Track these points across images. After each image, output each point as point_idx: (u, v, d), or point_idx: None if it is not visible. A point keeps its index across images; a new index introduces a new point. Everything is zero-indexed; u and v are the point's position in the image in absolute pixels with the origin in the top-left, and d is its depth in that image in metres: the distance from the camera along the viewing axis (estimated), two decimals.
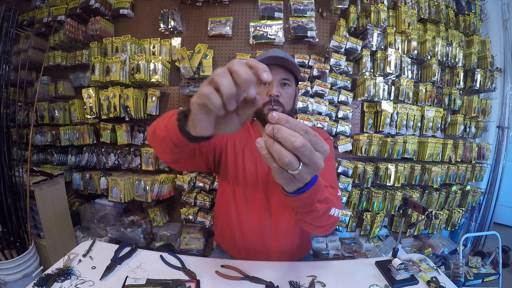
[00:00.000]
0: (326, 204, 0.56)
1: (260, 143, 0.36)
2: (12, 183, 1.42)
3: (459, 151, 1.87)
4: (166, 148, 0.60)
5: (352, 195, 1.76)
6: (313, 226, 0.62)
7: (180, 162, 0.71)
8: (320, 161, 0.36)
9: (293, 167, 0.35)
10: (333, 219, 0.63)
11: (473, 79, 1.87)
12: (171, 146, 0.58)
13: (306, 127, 0.35)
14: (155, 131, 0.62)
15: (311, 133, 0.35)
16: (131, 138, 1.78)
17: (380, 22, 1.71)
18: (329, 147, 0.38)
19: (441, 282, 0.78)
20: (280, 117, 0.35)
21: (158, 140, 0.61)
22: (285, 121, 0.35)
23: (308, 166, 0.36)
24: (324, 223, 0.62)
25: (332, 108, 1.72)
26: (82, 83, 1.89)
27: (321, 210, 0.55)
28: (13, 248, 1.35)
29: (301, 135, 0.34)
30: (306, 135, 0.34)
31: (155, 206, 1.83)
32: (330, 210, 0.60)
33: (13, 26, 1.47)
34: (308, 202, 0.51)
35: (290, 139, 0.33)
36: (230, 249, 0.99)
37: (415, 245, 1.93)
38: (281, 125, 0.34)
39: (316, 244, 1.78)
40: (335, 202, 0.61)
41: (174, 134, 0.54)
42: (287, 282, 0.75)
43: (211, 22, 1.71)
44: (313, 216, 0.56)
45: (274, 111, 0.35)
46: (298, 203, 0.51)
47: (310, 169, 0.36)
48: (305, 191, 0.45)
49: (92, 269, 0.76)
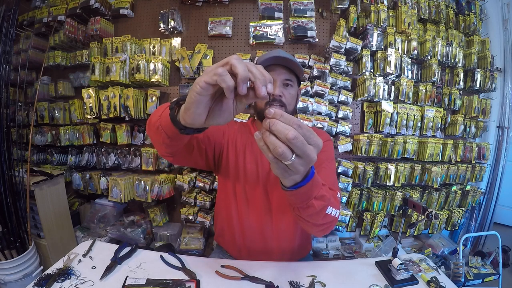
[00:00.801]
0: (322, 201, 0.58)
1: (257, 135, 0.39)
2: (12, 183, 1.42)
3: (459, 151, 1.87)
4: (159, 139, 0.60)
5: (352, 195, 1.76)
6: (310, 223, 0.64)
7: (176, 156, 0.71)
8: (313, 154, 0.39)
9: (286, 157, 0.37)
10: (330, 218, 0.64)
11: (473, 79, 1.87)
12: (163, 137, 0.58)
13: (299, 122, 0.38)
14: (150, 120, 0.63)
15: (304, 127, 0.38)
16: (131, 138, 1.78)
17: (380, 22, 1.70)
18: (321, 141, 0.40)
19: (441, 282, 0.78)
20: (276, 112, 0.38)
21: (152, 129, 0.61)
22: (280, 115, 0.37)
23: (301, 157, 0.38)
24: (320, 221, 0.64)
25: (332, 108, 1.72)
26: (82, 83, 1.89)
27: (318, 207, 0.57)
28: (13, 248, 1.35)
29: (294, 129, 0.36)
30: (299, 129, 0.37)
31: (155, 206, 1.83)
32: (326, 208, 0.61)
33: (13, 26, 1.47)
34: (305, 198, 0.53)
35: (284, 131, 0.36)
36: (231, 248, 0.99)
37: (415, 245, 1.93)
38: (277, 119, 0.37)
39: (316, 244, 1.78)
40: (332, 201, 0.62)
41: (166, 123, 0.54)
42: (287, 282, 0.75)
43: (211, 22, 1.71)
44: (310, 212, 0.58)
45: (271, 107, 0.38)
46: (295, 198, 0.53)
47: (303, 161, 0.39)
48: (302, 186, 0.48)
49: (92, 269, 0.76)
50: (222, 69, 0.38)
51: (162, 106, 0.62)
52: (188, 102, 0.44)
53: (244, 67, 0.38)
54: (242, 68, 0.38)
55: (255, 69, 0.39)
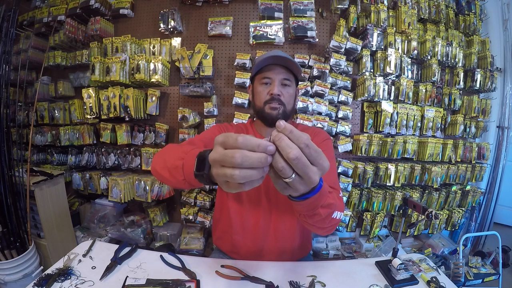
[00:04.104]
0: (329, 209, 0.57)
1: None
2: (12, 183, 1.42)
3: (459, 151, 1.87)
4: (181, 186, 0.62)
5: (352, 195, 1.76)
6: (315, 227, 0.64)
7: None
8: (315, 176, 0.37)
9: (286, 175, 0.36)
10: (335, 221, 0.65)
11: (473, 79, 1.86)
12: (186, 185, 0.60)
13: (309, 141, 0.36)
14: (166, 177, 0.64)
15: (312, 147, 0.36)
16: (131, 138, 1.78)
17: (380, 22, 1.70)
18: (329, 164, 0.39)
19: (441, 282, 0.78)
20: (286, 127, 0.36)
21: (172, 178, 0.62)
22: (289, 131, 0.35)
23: (302, 178, 0.37)
24: (326, 225, 0.64)
25: (332, 108, 1.71)
26: (82, 83, 1.89)
27: (324, 214, 0.56)
28: (13, 248, 1.35)
29: (300, 148, 0.35)
30: (307, 148, 0.35)
31: (155, 206, 1.83)
32: (332, 214, 0.61)
33: (13, 26, 1.47)
34: (311, 208, 0.52)
35: (286, 150, 0.34)
36: (230, 251, 0.99)
37: (415, 245, 1.93)
38: (286, 134, 0.35)
39: (316, 244, 1.78)
40: (338, 205, 0.62)
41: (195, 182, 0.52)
42: (287, 282, 0.75)
43: (211, 22, 1.71)
44: (316, 219, 0.57)
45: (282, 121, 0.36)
46: (301, 207, 0.52)
47: (303, 181, 0.37)
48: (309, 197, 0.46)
49: (92, 269, 0.76)
50: (257, 172, 0.35)
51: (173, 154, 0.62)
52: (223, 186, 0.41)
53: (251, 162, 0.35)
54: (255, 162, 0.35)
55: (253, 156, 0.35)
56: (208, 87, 1.65)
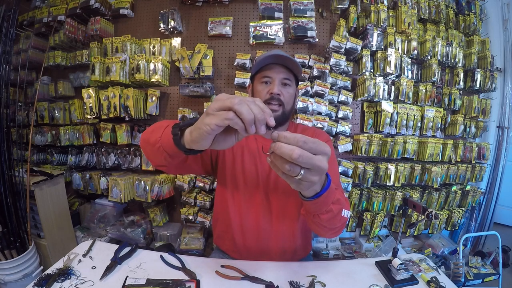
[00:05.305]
0: (339, 204, 0.61)
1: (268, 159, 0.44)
2: (12, 183, 1.42)
3: (459, 151, 1.87)
4: (159, 156, 0.63)
5: (352, 195, 1.76)
6: (327, 228, 0.67)
7: (170, 166, 0.72)
8: (323, 163, 0.41)
9: (295, 173, 0.40)
10: (344, 220, 0.68)
11: (473, 79, 1.86)
12: (164, 155, 0.61)
13: (304, 137, 0.39)
14: (148, 139, 0.65)
15: (309, 141, 0.40)
16: (131, 138, 1.78)
17: (380, 22, 1.70)
18: (329, 148, 0.42)
19: (441, 282, 0.78)
20: (280, 135, 0.40)
21: (151, 148, 0.64)
22: (283, 138, 0.40)
23: (311, 169, 0.40)
24: (337, 224, 0.67)
25: (332, 108, 1.71)
26: (82, 83, 1.89)
27: (335, 210, 0.60)
28: (13, 248, 1.35)
29: (299, 146, 0.38)
30: (305, 144, 0.39)
31: (155, 206, 1.83)
32: (342, 210, 0.65)
33: (13, 26, 1.47)
34: (325, 204, 0.57)
35: (288, 153, 0.38)
36: (230, 250, 0.99)
37: (415, 245, 1.93)
38: (281, 141, 0.39)
39: (316, 244, 1.78)
40: (345, 203, 0.66)
41: (169, 145, 0.57)
42: (287, 282, 0.75)
43: (211, 22, 1.71)
44: (329, 216, 0.61)
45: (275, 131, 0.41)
46: (316, 206, 0.56)
47: (314, 172, 0.41)
48: (322, 194, 0.51)
49: (92, 269, 0.76)
50: (232, 114, 0.41)
51: (159, 125, 0.64)
52: (196, 137, 0.48)
53: (248, 111, 0.41)
54: (246, 112, 0.41)
55: (256, 109, 0.42)
56: (208, 87, 1.65)
